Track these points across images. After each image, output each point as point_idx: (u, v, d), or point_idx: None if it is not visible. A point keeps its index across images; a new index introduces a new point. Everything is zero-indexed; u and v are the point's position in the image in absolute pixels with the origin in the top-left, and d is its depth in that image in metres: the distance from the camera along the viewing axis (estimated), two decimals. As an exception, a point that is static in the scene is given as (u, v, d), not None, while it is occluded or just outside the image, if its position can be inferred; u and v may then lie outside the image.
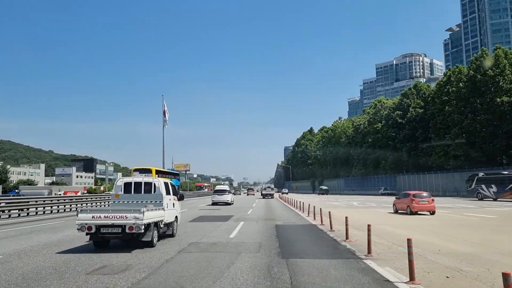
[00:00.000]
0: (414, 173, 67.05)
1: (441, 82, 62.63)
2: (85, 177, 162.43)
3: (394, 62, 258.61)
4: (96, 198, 35.34)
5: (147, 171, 21.19)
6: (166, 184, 12.13)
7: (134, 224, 9.18)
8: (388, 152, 74.91)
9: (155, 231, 10.40)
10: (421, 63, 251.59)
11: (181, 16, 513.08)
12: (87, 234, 9.55)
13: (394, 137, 72.28)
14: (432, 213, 21.31)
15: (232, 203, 37.15)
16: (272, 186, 69.07)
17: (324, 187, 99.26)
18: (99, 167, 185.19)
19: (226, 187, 43.90)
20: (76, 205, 29.37)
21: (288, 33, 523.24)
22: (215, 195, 37.52)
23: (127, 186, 11.59)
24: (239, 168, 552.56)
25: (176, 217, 12.84)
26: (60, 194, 57.54)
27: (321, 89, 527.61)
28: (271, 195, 58.03)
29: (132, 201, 11.14)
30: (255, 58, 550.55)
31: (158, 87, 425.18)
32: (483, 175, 41.30)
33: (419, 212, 21.53)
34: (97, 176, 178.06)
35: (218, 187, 43.67)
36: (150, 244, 10.00)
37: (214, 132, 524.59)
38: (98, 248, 9.95)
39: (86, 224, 9.33)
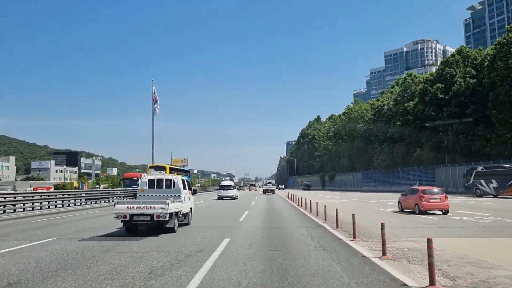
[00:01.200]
0: (462, 163, 50.56)
1: (505, 40, 46.07)
2: (68, 171, 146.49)
3: (405, 50, 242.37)
4: (63, 195, 29.40)
5: (161, 168, 24.31)
6: (183, 180, 14.43)
7: (161, 213, 11.14)
8: (423, 137, 58.56)
9: (176, 220, 12.42)
10: (433, 50, 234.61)
11: (180, 10, 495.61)
12: (122, 221, 11.40)
13: (433, 117, 55.77)
14: (445, 212, 18.18)
15: (237, 198, 39.73)
16: (273, 182, 74.43)
17: (306, 183, 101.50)
18: (84, 161, 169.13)
19: (231, 183, 47.20)
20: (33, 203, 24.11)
21: (289, 25, 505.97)
22: (220, 190, 40.71)
23: (151, 182, 13.85)
24: (240, 164, 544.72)
25: (191, 208, 15.24)
26: (30, 191, 50.63)
27: (325, 82, 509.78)
28: (272, 191, 61.04)
29: (155, 195, 13.15)
30: (256, 52, 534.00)
31: (158, 82, 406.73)
32: (482, 169, 38.10)
33: (428, 211, 18.45)
34: (83, 170, 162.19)
35: (223, 183, 47.55)
36: (172, 230, 12.06)
37: (214, 128, 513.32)
38: (129, 233, 11.80)
39: (122, 213, 11.19)
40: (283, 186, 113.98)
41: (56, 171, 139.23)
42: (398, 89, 69.69)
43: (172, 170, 28.58)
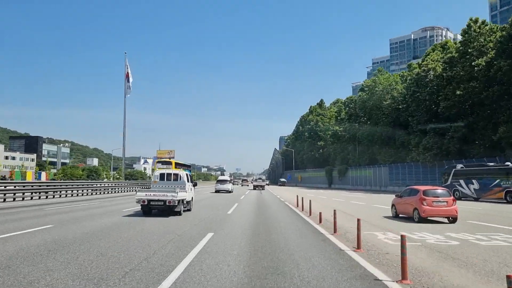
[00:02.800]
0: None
1: None
2: (24, 159, 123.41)
3: (412, 37, 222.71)
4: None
5: (168, 163, 28.39)
6: (187, 175, 18.65)
7: (171, 199, 14.84)
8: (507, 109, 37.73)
9: (182, 205, 16.04)
10: (443, 38, 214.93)
11: (173, 2, 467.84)
12: (141, 205, 15.27)
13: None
14: (453, 220, 14.38)
15: (232, 191, 44.11)
16: (264, 177, 72.08)
17: (282, 179, 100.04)
18: (48, 147, 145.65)
19: (227, 178, 53.26)
20: None
21: (282, 18, 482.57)
22: (217, 184, 45.25)
23: (161, 175, 17.38)
24: (232, 158, 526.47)
25: (192, 197, 19.14)
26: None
27: (321, 76, 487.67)
28: (262, 187, 56.93)
29: (165, 186, 16.62)
30: (249, 46, 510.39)
31: (150, 75, 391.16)
32: (462, 168, 33.41)
33: (430, 218, 14.58)
34: (50, 159, 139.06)
35: (220, 177, 53.46)
36: (179, 213, 15.73)
37: (206, 122, 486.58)
38: (145, 215, 15.44)
39: (142, 199, 15.04)
40: (284, 180, 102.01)
41: (7, 157, 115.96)
42: (454, 47, 48.66)
43: (177, 165, 29.75)
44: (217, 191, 42.67)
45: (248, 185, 77.51)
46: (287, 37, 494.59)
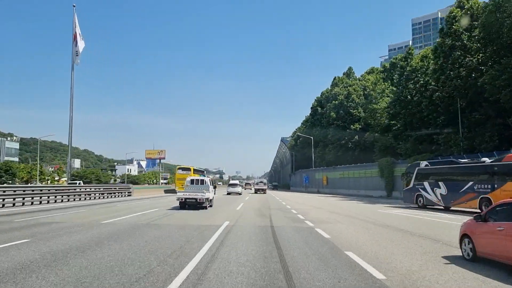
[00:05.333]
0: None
1: None
2: None
3: (439, 15, 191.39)
4: None
5: (187, 169, 45.20)
6: (210, 180, 24.68)
7: (201, 198, 20.89)
8: None
9: (207, 202, 21.91)
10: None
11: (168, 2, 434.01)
12: (180, 202, 21.28)
13: None
14: None
15: (241, 194, 49.07)
16: (265, 181, 68.18)
17: (274, 183, 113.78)
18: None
19: (238, 182, 61.42)
20: None
21: (284, 12, 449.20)
22: (229, 187, 51.19)
23: (192, 180, 22.79)
24: (231, 161, 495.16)
25: (213, 197, 24.99)
26: None
27: (326, 74, 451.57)
28: (263, 190, 57.43)
29: (195, 188, 21.87)
30: (250, 45, 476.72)
31: (145, 76, 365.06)
32: (426, 166, 25.95)
33: None
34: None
35: (231, 182, 60.91)
36: (205, 208, 21.42)
37: (203, 124, 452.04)
38: (182, 208, 21.10)
39: (180, 197, 21.23)
40: (276, 184, 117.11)
41: None
42: None
43: (195, 171, 46.31)
44: (228, 193, 47.21)
45: (251, 189, 73.68)
46: (288, 31, 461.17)
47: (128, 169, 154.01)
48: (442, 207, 24.31)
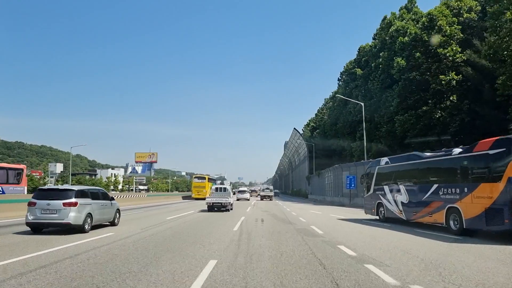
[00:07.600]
0: None
1: None
2: None
3: None
4: None
5: (202, 178, 59.79)
6: (230, 187, 33.99)
7: (225, 202, 26.24)
8: None
9: (230, 206, 26.99)
10: None
11: (164, 5, 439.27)
12: (208, 206, 26.39)
13: None
14: None
15: (249, 199, 54.84)
16: (271, 187, 67.63)
17: (275, 190, 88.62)
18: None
19: (246, 189, 66.32)
20: None
21: (283, 15, 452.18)
22: (238, 194, 53.99)
23: (216, 188, 29.33)
24: (233, 167, 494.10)
25: (233, 202, 30.64)
26: None
27: (329, 77, 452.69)
28: (270, 197, 57.99)
29: (219, 195, 27.57)
30: (250, 50, 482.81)
31: (144, 82, 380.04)
32: (387, 163, 19.09)
33: None
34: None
35: (240, 189, 63.98)
36: (228, 210, 26.34)
37: (204, 131, 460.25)
38: (210, 211, 26.06)
39: (209, 202, 26.39)
40: (278, 191, 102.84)
41: None
42: None
43: (209, 180, 60.59)
44: (238, 199, 50.35)
45: (256, 196, 74.79)
46: (288, 31, 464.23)
47: (111, 173, 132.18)
48: (403, 220, 17.10)
